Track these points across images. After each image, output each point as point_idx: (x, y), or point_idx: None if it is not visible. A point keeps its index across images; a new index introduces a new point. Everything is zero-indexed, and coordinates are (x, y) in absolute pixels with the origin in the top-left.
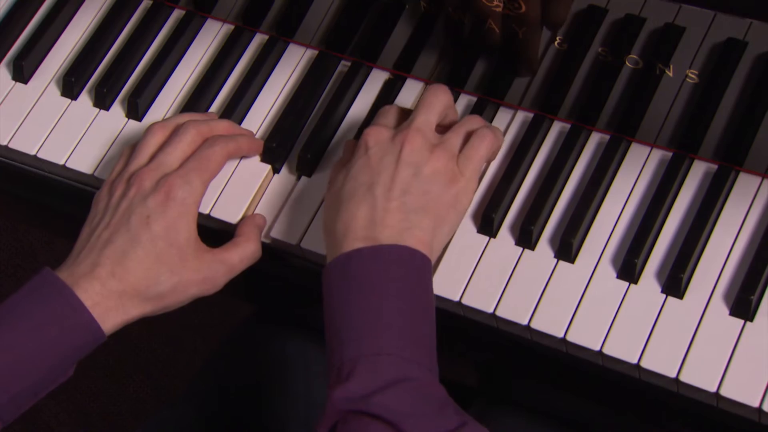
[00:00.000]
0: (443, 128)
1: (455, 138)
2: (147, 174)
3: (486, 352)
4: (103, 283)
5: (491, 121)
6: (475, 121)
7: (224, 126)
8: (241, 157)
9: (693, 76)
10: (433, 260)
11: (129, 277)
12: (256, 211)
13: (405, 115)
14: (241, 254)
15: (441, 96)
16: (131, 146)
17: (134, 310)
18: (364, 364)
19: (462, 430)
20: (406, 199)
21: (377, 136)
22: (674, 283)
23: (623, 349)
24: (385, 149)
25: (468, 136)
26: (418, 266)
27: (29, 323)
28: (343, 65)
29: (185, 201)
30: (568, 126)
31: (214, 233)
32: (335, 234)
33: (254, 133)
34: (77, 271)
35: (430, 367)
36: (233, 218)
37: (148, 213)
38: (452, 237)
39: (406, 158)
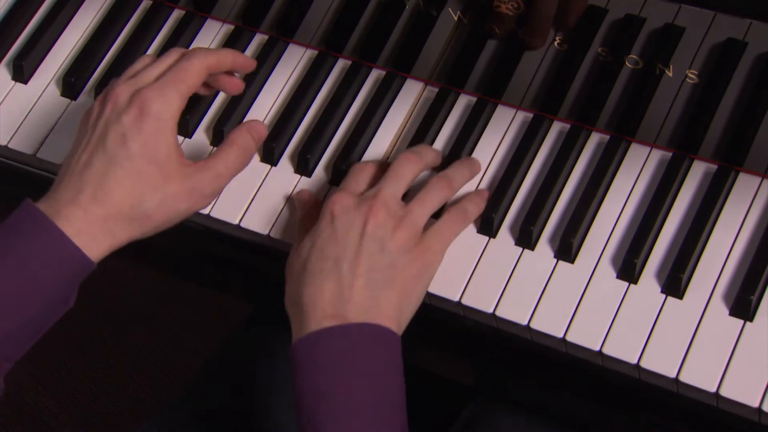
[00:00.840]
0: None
1: (419, 209)
2: (121, 89)
3: (485, 352)
4: (85, 209)
5: (490, 123)
6: (443, 190)
7: (231, 57)
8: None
9: (693, 76)
10: (400, 333)
11: (111, 200)
12: (256, 212)
13: (379, 173)
14: (226, 160)
15: (411, 167)
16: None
17: (121, 234)
18: None
19: None
20: (372, 275)
21: (342, 203)
22: (674, 283)
23: (623, 349)
24: (350, 221)
25: (436, 202)
26: (387, 343)
27: (12, 259)
28: (343, 65)
29: (161, 115)
30: (568, 126)
31: (216, 234)
32: (301, 307)
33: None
34: (59, 198)
35: None
36: (233, 218)
37: (123, 131)
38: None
39: (371, 233)
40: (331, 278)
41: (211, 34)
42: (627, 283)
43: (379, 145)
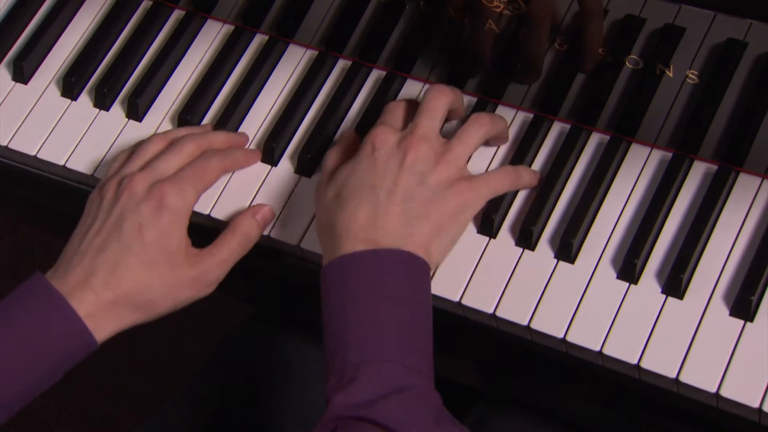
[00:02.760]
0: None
1: (460, 146)
2: (140, 179)
3: (486, 353)
4: (97, 293)
5: None
6: (483, 126)
7: (222, 139)
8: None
9: (693, 76)
10: (433, 269)
11: (122, 286)
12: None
13: (412, 110)
14: (229, 247)
15: (443, 99)
16: (126, 150)
17: (126, 319)
18: (366, 370)
19: None
20: (408, 206)
21: (384, 138)
22: (674, 284)
23: (623, 349)
24: (390, 153)
25: (476, 138)
26: (419, 271)
27: (22, 332)
28: (343, 65)
29: (177, 209)
30: (568, 126)
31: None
32: (334, 232)
33: (254, 133)
34: (70, 279)
35: (428, 375)
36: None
37: (140, 220)
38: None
39: (411, 166)
40: (367, 204)
41: (212, 34)
42: (627, 284)
43: None
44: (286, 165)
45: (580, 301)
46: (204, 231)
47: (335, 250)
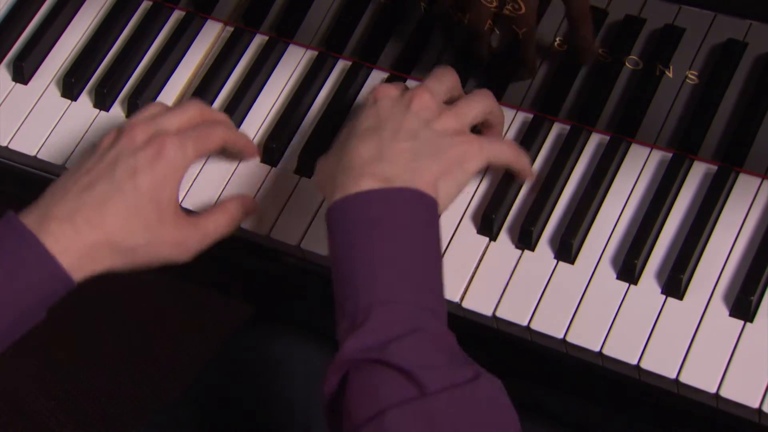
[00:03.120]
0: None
1: (466, 107)
2: (141, 127)
3: (485, 353)
4: (77, 229)
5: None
6: (488, 97)
7: (224, 116)
8: (239, 161)
9: (693, 77)
10: (441, 211)
11: (104, 226)
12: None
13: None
14: (216, 222)
15: (450, 72)
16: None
17: (104, 261)
18: (378, 312)
19: (477, 381)
20: (414, 144)
21: (386, 90)
22: (674, 284)
23: (623, 350)
24: (394, 102)
25: (480, 106)
26: (428, 209)
27: None
28: (343, 66)
29: (175, 162)
30: (568, 127)
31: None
32: (337, 174)
33: (255, 134)
34: (50, 213)
35: (442, 314)
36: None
37: (135, 165)
38: (451, 240)
39: (416, 111)
40: (372, 141)
41: (212, 35)
42: (627, 284)
43: None
44: (286, 165)
45: (579, 302)
46: None
47: (341, 189)
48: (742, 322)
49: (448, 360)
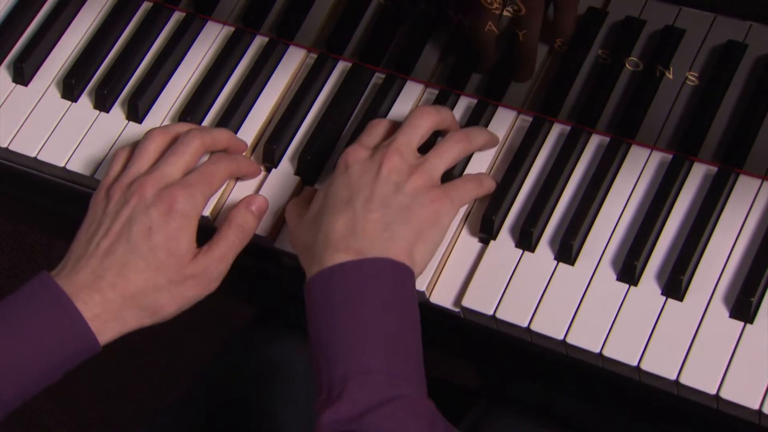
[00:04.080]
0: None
1: (436, 159)
2: (149, 183)
3: (486, 354)
4: (104, 294)
5: (490, 124)
6: (459, 142)
7: (225, 137)
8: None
9: (693, 78)
10: (417, 275)
11: (129, 288)
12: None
13: (393, 130)
14: (227, 242)
15: (426, 117)
16: (126, 148)
17: (133, 321)
18: (353, 384)
19: None
20: (386, 212)
21: (355, 155)
22: (674, 285)
23: (623, 351)
24: (364, 167)
25: (453, 154)
26: (403, 277)
27: (26, 330)
28: (344, 67)
29: (188, 214)
30: (568, 128)
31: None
32: (313, 248)
33: (255, 135)
34: (77, 280)
35: (419, 381)
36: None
37: (149, 224)
38: (448, 248)
39: (385, 176)
40: (345, 214)
41: (212, 36)
42: (627, 285)
43: None
44: (286, 166)
45: (580, 303)
46: (203, 231)
47: (316, 264)
48: (742, 324)
49: (428, 427)
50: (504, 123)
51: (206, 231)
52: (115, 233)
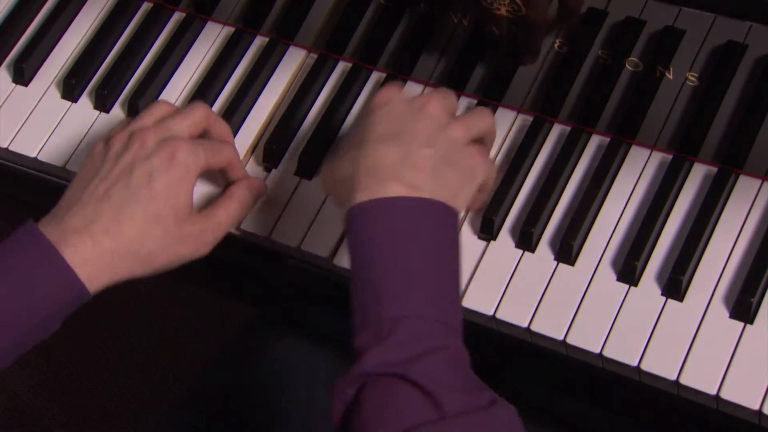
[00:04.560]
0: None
1: (474, 118)
2: (152, 132)
3: (486, 354)
4: (96, 240)
5: None
6: (490, 117)
7: (226, 129)
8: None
9: (693, 78)
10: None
11: (123, 235)
12: (257, 214)
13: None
14: (227, 211)
15: (453, 94)
16: (128, 119)
17: (123, 270)
18: (406, 326)
19: (494, 408)
20: (435, 151)
21: (392, 93)
22: (674, 286)
23: (623, 351)
24: (405, 106)
25: (480, 124)
26: (453, 223)
27: (12, 282)
28: (344, 68)
29: (189, 166)
30: (568, 128)
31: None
32: (356, 178)
33: (255, 135)
34: (69, 225)
35: (460, 331)
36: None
37: (150, 170)
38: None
39: (429, 116)
40: (395, 145)
41: (212, 36)
42: (627, 286)
43: None
44: (286, 166)
45: (580, 303)
46: None
47: (361, 190)
48: (742, 324)
49: (466, 381)
50: (504, 123)
51: None
52: (114, 178)
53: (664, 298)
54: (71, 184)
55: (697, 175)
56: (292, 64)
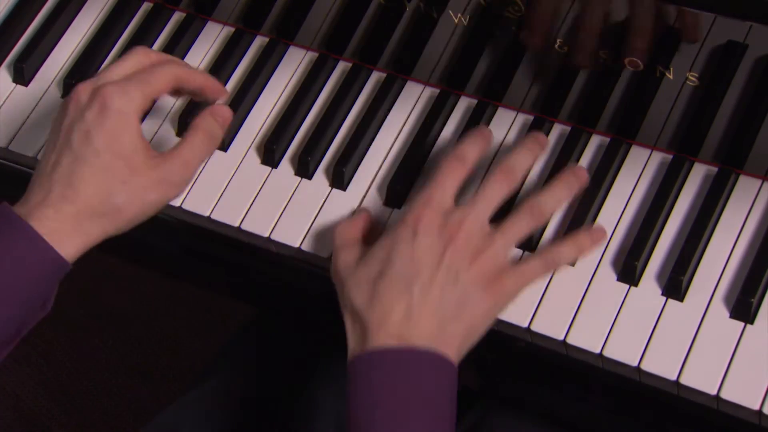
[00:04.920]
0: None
1: (501, 241)
2: (83, 87)
3: (486, 355)
4: (57, 208)
5: (490, 124)
6: (536, 215)
7: (201, 78)
8: (240, 162)
9: (693, 78)
10: (457, 363)
11: (80, 196)
12: (257, 214)
13: (464, 175)
14: (191, 145)
15: (501, 187)
16: None
17: (95, 230)
18: None
19: None
20: (442, 304)
21: (427, 221)
22: (675, 286)
23: (624, 351)
24: (431, 245)
25: (522, 233)
26: (447, 372)
27: None
28: (344, 67)
29: (122, 109)
30: (568, 128)
31: (217, 236)
32: (366, 320)
33: (255, 135)
34: (30, 201)
35: None
36: (234, 221)
37: (86, 128)
38: None
39: (448, 263)
40: (402, 299)
41: (212, 36)
42: (627, 286)
43: (381, 148)
44: (286, 167)
45: (580, 304)
46: (205, 233)
47: (366, 341)
48: (742, 324)
49: None
50: (504, 123)
51: (207, 234)
52: (59, 146)
53: (664, 298)
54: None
55: (698, 175)
56: (292, 64)
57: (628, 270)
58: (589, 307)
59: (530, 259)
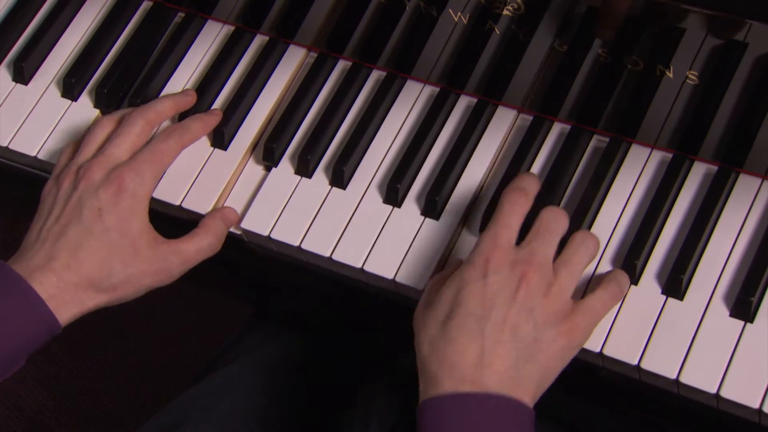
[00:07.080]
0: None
1: (566, 274)
2: (96, 166)
3: None
4: (59, 275)
5: (490, 124)
6: (592, 245)
7: (168, 105)
8: (240, 161)
9: (693, 77)
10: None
11: (83, 269)
12: (257, 212)
13: (526, 206)
14: (198, 246)
15: (561, 222)
16: (76, 141)
17: (90, 302)
18: None
19: None
20: (516, 345)
21: (498, 262)
22: (674, 285)
23: (623, 350)
24: (502, 282)
25: (584, 263)
26: (522, 421)
27: None
28: (343, 66)
29: (136, 193)
30: (568, 128)
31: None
32: (437, 363)
33: (255, 135)
34: (31, 264)
35: None
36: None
37: (99, 205)
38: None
39: (521, 300)
40: (475, 340)
41: (212, 35)
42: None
43: (380, 147)
44: (286, 166)
45: None
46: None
47: (438, 385)
48: (742, 323)
49: None
50: (504, 123)
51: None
52: (67, 217)
53: (664, 297)
54: (30, 226)
55: (698, 173)
56: (292, 62)
57: (629, 269)
58: None
59: (597, 291)
